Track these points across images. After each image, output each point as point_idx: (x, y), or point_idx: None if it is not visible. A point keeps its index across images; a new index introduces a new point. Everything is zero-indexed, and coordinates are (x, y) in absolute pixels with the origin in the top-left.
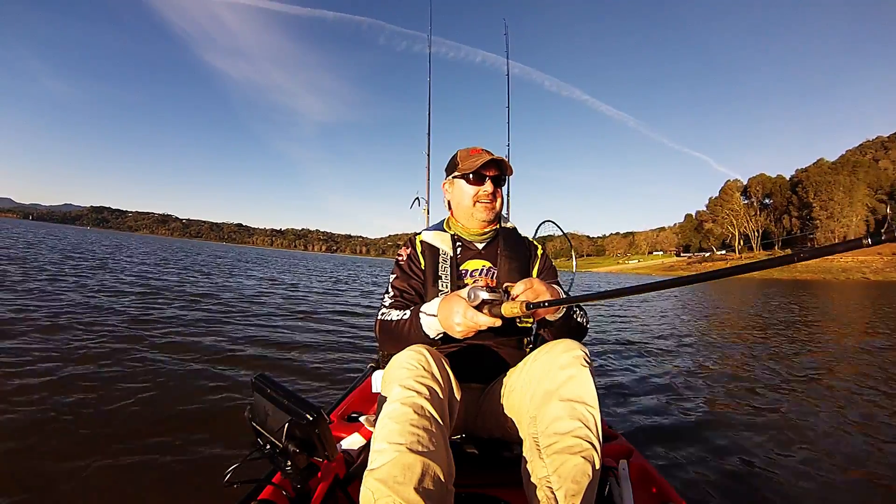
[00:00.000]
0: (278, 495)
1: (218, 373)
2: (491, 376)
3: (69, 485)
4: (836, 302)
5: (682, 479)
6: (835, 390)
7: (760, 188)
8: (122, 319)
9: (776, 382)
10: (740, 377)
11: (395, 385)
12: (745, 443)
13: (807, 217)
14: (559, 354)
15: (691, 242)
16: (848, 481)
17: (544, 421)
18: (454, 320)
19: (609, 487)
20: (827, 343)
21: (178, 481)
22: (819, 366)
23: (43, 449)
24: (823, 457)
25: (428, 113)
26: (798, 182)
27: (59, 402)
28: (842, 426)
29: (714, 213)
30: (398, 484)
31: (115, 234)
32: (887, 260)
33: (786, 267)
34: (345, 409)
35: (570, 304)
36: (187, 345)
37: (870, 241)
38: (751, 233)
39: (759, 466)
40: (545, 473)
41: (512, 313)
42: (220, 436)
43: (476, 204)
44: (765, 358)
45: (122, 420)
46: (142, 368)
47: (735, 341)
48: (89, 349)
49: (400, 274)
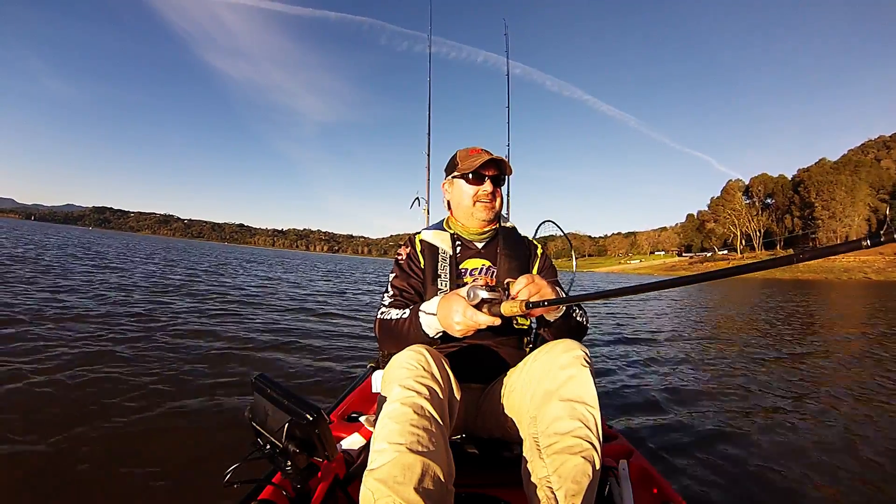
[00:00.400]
0: (278, 495)
1: (218, 372)
2: (491, 376)
3: (69, 483)
4: (838, 302)
5: (682, 479)
6: (838, 390)
7: (762, 188)
8: (127, 317)
9: (778, 383)
10: (741, 377)
11: (395, 385)
12: (746, 443)
13: (809, 217)
14: (559, 354)
15: (693, 242)
16: (849, 482)
17: (544, 421)
18: (453, 319)
19: (609, 487)
20: (830, 343)
21: (177, 481)
22: (821, 366)
23: (44, 448)
24: (825, 457)
25: (428, 113)
26: (800, 182)
27: (62, 398)
28: (845, 427)
29: (716, 212)
30: (398, 484)
31: (117, 234)
32: (889, 260)
33: (787, 267)
34: (345, 409)
35: (569, 303)
36: (188, 344)
37: (869, 242)
38: (753, 233)
39: (759, 466)
40: (545, 473)
41: (511, 312)
42: (220, 436)
43: (476, 204)
44: (767, 358)
45: (122, 419)
46: (142, 368)
47: (736, 341)
48: (89, 347)
49: (399, 273)
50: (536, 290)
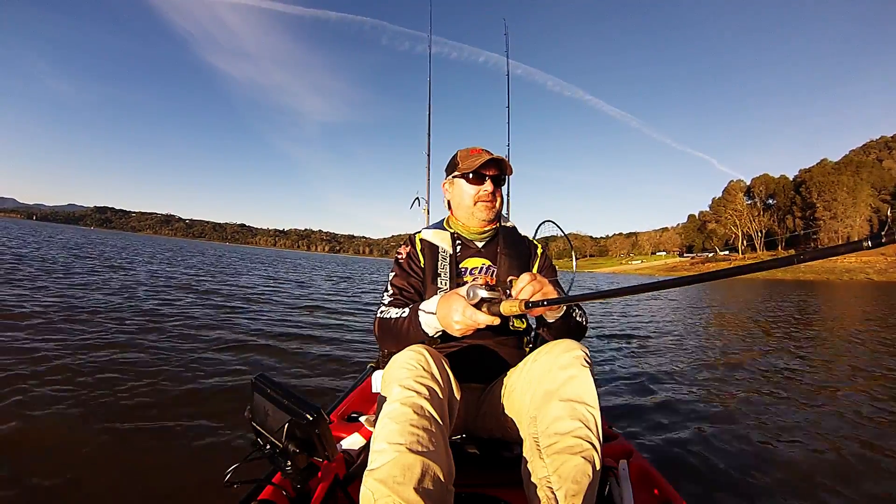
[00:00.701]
0: (278, 495)
1: (218, 372)
2: (491, 376)
3: (69, 481)
4: (843, 301)
5: (683, 480)
6: (841, 390)
7: (764, 188)
8: (129, 315)
9: (780, 383)
10: (742, 378)
11: (395, 385)
12: (747, 443)
13: (810, 217)
14: (559, 354)
15: (694, 243)
16: (850, 482)
17: (544, 421)
18: (453, 318)
19: (609, 487)
20: (835, 344)
21: (177, 481)
22: (824, 366)
23: (43, 448)
24: (826, 458)
25: (428, 113)
26: (801, 182)
27: (61, 398)
28: (849, 428)
29: (717, 213)
30: (398, 484)
31: (118, 234)
32: (891, 260)
33: (789, 267)
34: (345, 409)
35: (569, 302)
36: (188, 344)
37: (870, 243)
38: (754, 233)
39: (760, 467)
40: (545, 473)
41: (511, 311)
42: (220, 436)
43: (477, 203)
44: (769, 358)
45: (122, 419)
46: (141, 368)
47: (738, 341)
48: (88, 347)
49: (399, 272)
50: (538, 289)
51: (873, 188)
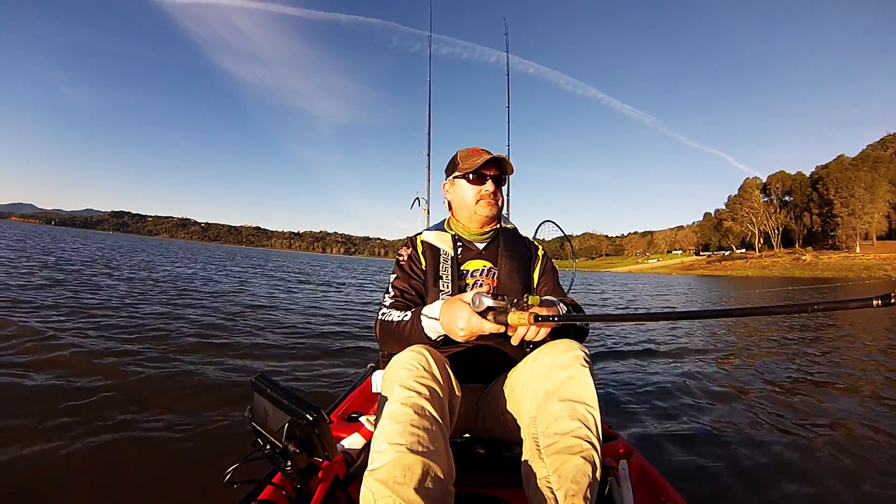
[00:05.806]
0: (278, 495)
1: (218, 372)
2: (491, 376)
3: (69, 481)
4: None
5: (682, 480)
6: (844, 391)
7: (780, 185)
8: (131, 315)
9: (781, 384)
10: (744, 378)
11: (396, 385)
12: (747, 443)
13: (827, 214)
14: (559, 354)
15: (710, 241)
16: (852, 482)
17: (544, 421)
18: (457, 325)
19: (609, 487)
20: (841, 347)
21: (177, 481)
22: (827, 366)
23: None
24: (827, 459)
25: (428, 113)
26: (818, 179)
27: (61, 397)
28: (851, 429)
29: (733, 211)
30: (398, 484)
31: (134, 237)
32: None
33: (806, 265)
34: (345, 409)
35: (577, 321)
36: (189, 344)
37: (880, 301)
38: (771, 231)
39: (760, 467)
40: (545, 473)
41: (519, 323)
42: (220, 436)
43: (478, 202)
44: (772, 359)
45: (122, 419)
46: (141, 368)
47: (741, 342)
48: (88, 346)
49: (400, 274)
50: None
51: (891, 184)
